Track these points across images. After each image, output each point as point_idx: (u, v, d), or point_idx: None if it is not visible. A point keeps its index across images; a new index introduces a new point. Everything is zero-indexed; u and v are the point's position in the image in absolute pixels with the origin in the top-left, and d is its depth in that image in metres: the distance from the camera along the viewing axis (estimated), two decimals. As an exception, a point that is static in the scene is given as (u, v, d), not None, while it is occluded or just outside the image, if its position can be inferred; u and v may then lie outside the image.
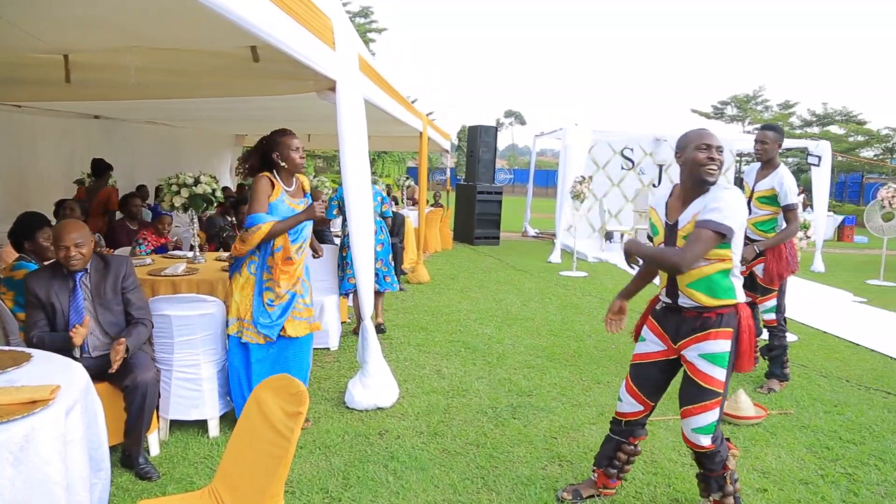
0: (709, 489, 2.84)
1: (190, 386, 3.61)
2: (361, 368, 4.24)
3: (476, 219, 13.44)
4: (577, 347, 5.76)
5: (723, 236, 2.54)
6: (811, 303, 7.99)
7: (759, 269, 4.58)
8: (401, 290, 8.03)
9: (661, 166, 14.32)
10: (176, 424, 3.69)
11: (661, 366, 2.90)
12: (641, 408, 2.96)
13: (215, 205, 5.04)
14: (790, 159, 31.93)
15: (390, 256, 6.08)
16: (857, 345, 6.15)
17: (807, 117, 33.52)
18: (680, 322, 2.77)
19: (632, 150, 14.26)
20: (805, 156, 12.25)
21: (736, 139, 15.39)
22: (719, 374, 2.67)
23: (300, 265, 3.76)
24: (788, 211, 4.45)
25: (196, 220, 4.99)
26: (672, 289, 2.77)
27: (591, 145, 12.69)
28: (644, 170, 14.62)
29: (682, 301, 2.73)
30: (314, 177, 8.73)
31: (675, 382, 4.62)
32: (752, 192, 4.62)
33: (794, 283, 4.60)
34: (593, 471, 3.13)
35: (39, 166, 7.56)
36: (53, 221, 5.09)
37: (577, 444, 3.71)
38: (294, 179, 3.76)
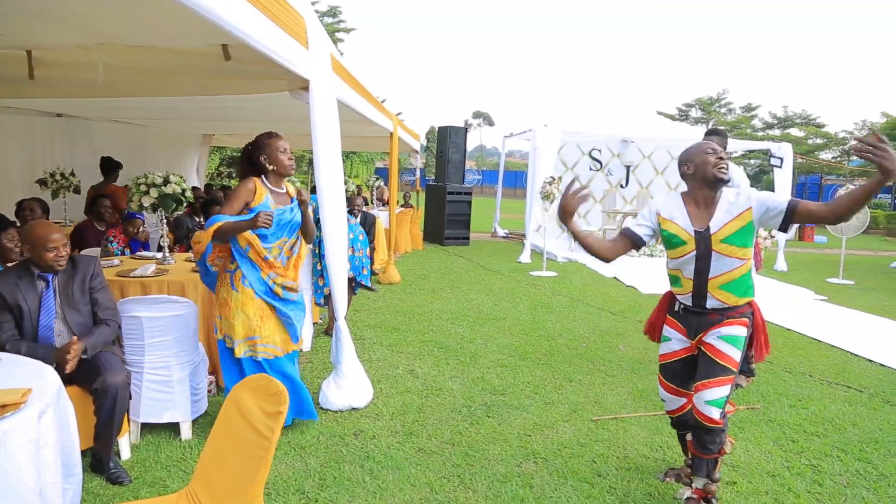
0: (697, 471, 2.95)
1: (161, 388, 3.55)
2: (335, 369, 4.22)
3: (446, 219, 13.46)
4: (549, 346, 5.81)
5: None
6: (775, 301, 8.18)
7: None
8: (372, 290, 8.02)
9: (628, 167, 14.53)
10: (147, 427, 3.63)
11: (687, 360, 3.03)
12: (685, 401, 3.07)
13: (185, 205, 4.96)
14: (753, 161, 32.62)
15: (368, 249, 6.11)
16: (819, 341, 6.32)
17: (768, 120, 34.28)
18: (702, 321, 2.92)
19: (600, 151, 14.43)
20: (767, 157, 12.52)
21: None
22: (735, 353, 2.83)
23: (291, 271, 3.63)
24: None
25: (164, 220, 4.91)
26: (699, 291, 2.89)
27: (559, 146, 12.81)
28: (612, 171, 14.80)
29: (710, 303, 2.87)
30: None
31: (635, 385, 4.71)
32: None
33: (758, 282, 4.70)
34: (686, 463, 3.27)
35: (-2, 165, 7.37)
36: (16, 223, 4.97)
37: (552, 442, 3.75)
38: (282, 184, 3.61)
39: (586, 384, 4.78)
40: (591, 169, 14.68)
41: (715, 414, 2.81)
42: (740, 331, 2.85)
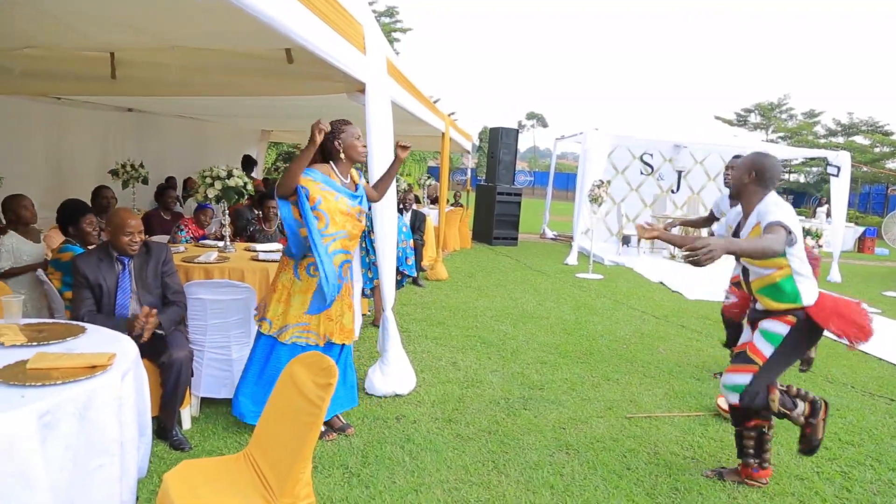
0: (739, 452, 3.33)
1: (220, 366, 3.84)
2: (381, 357, 4.45)
3: (495, 219, 13.63)
4: (590, 346, 5.92)
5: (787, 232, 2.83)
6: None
7: None
8: (419, 285, 8.26)
9: (679, 172, 14.41)
10: (206, 401, 3.93)
11: None
12: None
13: (245, 197, 5.27)
14: (814, 168, 31.69)
15: (412, 241, 6.36)
16: (866, 353, 6.24)
17: (832, 127, 33.28)
18: (754, 313, 3.22)
19: (651, 155, 14.36)
20: (825, 166, 12.26)
21: (757, 147, 15.45)
22: (765, 348, 3.05)
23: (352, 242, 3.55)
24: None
25: (227, 211, 5.23)
26: (749, 292, 3.20)
27: (610, 150, 12.84)
28: (663, 175, 14.70)
29: (758, 305, 3.15)
30: None
31: (672, 387, 4.80)
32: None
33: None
34: (738, 463, 3.44)
35: (76, 156, 7.90)
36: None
37: (585, 435, 3.89)
38: (349, 172, 3.56)
39: (623, 383, 4.89)
40: (641, 173, 14.61)
41: (732, 398, 3.15)
42: (780, 328, 3.03)
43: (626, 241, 13.38)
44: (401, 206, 8.84)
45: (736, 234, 3.19)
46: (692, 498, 3.21)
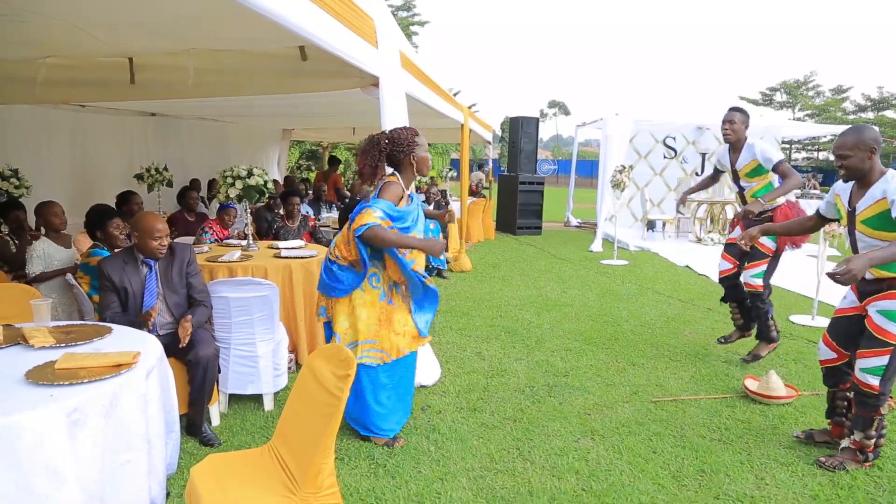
0: (855, 426, 3.29)
1: (246, 363, 3.90)
2: (405, 349, 4.47)
3: (518, 209, 13.59)
4: (614, 332, 5.89)
5: None
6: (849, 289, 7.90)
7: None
8: (443, 277, 8.28)
9: (703, 155, 14.20)
10: (234, 398, 3.99)
11: (854, 319, 3.35)
12: (835, 355, 3.46)
13: (266, 196, 5.33)
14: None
15: (441, 235, 6.39)
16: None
17: (861, 102, 32.53)
18: (865, 285, 3.24)
19: (674, 139, 14.18)
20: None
21: (784, 126, 15.19)
22: (891, 327, 3.10)
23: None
24: (779, 167, 4.57)
25: (249, 210, 5.29)
26: None
27: (632, 135, 12.70)
28: (687, 158, 14.50)
29: (867, 275, 3.19)
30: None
31: (699, 370, 4.76)
32: (735, 171, 4.82)
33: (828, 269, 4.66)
34: (828, 423, 3.60)
35: (101, 162, 8.06)
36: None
37: (610, 420, 3.88)
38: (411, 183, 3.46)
39: (649, 368, 4.86)
40: (664, 157, 14.43)
41: (872, 381, 3.15)
42: None
43: (651, 225, 13.25)
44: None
45: (850, 205, 3.19)
46: (719, 480, 3.19)
